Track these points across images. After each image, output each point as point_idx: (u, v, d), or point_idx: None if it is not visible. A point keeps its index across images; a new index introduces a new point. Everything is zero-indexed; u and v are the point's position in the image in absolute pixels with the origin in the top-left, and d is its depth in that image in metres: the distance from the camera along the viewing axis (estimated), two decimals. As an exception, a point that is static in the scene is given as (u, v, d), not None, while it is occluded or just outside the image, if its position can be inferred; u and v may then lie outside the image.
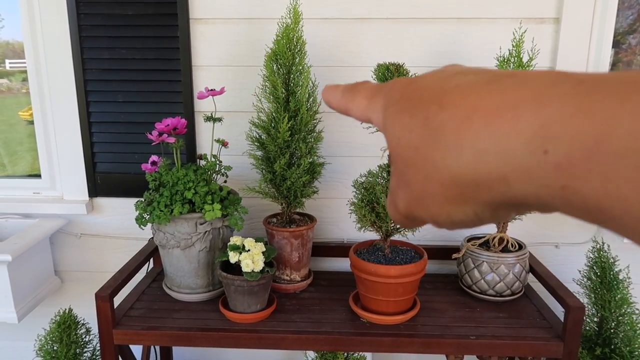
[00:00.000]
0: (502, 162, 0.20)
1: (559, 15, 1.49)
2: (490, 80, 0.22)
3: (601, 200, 0.18)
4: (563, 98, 0.19)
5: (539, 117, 0.19)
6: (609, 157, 0.17)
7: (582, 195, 0.18)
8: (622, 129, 0.17)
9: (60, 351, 1.41)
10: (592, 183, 0.18)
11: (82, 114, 1.63)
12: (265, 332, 1.27)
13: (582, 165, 0.18)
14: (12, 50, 2.04)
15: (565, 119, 0.19)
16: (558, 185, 0.19)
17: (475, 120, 0.21)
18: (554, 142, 0.19)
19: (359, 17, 1.52)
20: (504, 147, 0.20)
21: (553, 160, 0.19)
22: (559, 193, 0.19)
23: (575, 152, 0.18)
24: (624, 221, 0.18)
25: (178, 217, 1.31)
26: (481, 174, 0.21)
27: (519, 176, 0.20)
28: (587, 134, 0.18)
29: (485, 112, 0.21)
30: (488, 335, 1.24)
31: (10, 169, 2.08)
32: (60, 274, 1.80)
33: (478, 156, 0.21)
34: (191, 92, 1.59)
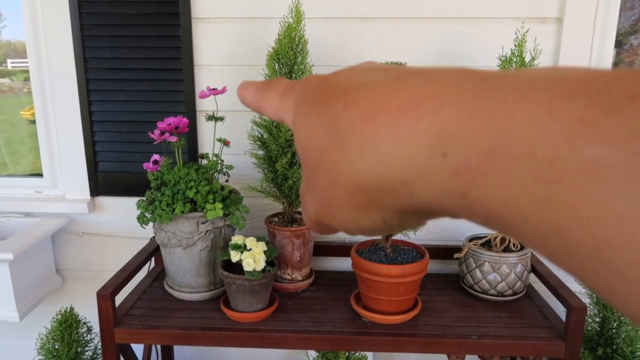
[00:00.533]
0: (405, 166, 0.19)
1: (561, 15, 1.48)
2: (398, 77, 0.21)
3: (499, 209, 0.17)
4: (464, 96, 0.18)
5: (439, 118, 0.18)
6: (505, 163, 0.16)
7: (481, 203, 0.17)
8: (517, 132, 0.16)
9: (62, 350, 1.41)
10: (489, 190, 0.17)
11: (84, 113, 1.63)
12: (267, 332, 1.27)
13: (479, 170, 0.17)
14: (14, 49, 2.05)
15: (464, 120, 0.17)
16: (458, 192, 0.18)
17: (379, 120, 0.20)
18: (453, 145, 0.18)
19: (361, 17, 1.52)
20: (407, 151, 0.19)
21: (451, 165, 0.18)
22: (460, 200, 0.18)
23: (473, 157, 0.17)
24: (522, 231, 0.17)
25: (180, 216, 1.31)
26: (385, 179, 0.20)
27: (422, 182, 0.19)
28: (484, 137, 0.17)
29: (389, 112, 0.20)
30: (490, 335, 1.24)
31: (12, 168, 2.08)
32: (61, 273, 1.80)
33: (381, 160, 0.20)
34: (193, 91, 1.59)
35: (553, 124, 0.15)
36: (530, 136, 0.16)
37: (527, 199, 0.16)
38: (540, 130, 0.16)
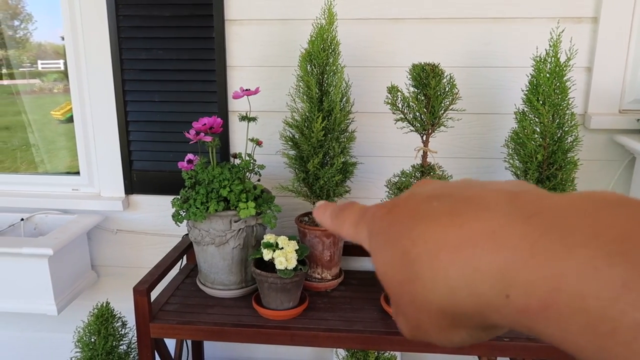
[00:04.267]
0: (474, 299, 0.21)
1: (597, 15, 1.46)
2: (451, 210, 0.23)
3: (563, 345, 0.19)
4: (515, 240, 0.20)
5: (496, 261, 0.20)
6: (563, 312, 0.18)
7: (546, 337, 0.20)
8: (570, 288, 0.18)
9: (98, 343, 1.45)
10: (551, 330, 0.19)
11: (120, 113, 1.67)
12: (298, 329, 1.29)
13: (540, 314, 0.19)
14: (44, 51, 2.11)
15: (520, 267, 0.20)
16: (525, 326, 0.20)
17: (443, 257, 0.22)
18: (513, 289, 0.20)
19: (393, 18, 1.52)
20: (472, 285, 0.21)
21: (515, 306, 0.20)
22: (528, 331, 0.20)
23: (533, 302, 0.19)
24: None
25: (213, 214, 1.33)
26: (460, 307, 0.22)
27: (492, 312, 0.21)
28: (541, 287, 0.19)
29: (449, 248, 0.22)
30: (522, 338, 1.23)
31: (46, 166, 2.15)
32: (96, 269, 1.86)
33: (452, 292, 0.22)
34: (225, 92, 1.62)
35: (598, 284, 0.17)
36: (582, 293, 0.18)
37: (586, 344, 0.18)
38: (589, 290, 0.18)
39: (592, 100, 1.52)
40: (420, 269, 0.23)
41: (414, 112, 1.30)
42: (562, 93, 1.29)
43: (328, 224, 0.32)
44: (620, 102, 1.53)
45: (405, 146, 1.58)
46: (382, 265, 0.26)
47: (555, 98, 1.28)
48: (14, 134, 2.19)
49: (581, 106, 1.54)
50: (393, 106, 1.31)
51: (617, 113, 1.53)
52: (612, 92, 1.51)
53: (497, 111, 1.56)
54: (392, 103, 1.30)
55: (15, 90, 2.18)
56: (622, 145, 1.52)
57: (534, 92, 1.30)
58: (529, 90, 1.32)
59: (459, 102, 1.30)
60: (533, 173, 1.30)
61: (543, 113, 1.28)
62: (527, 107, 1.33)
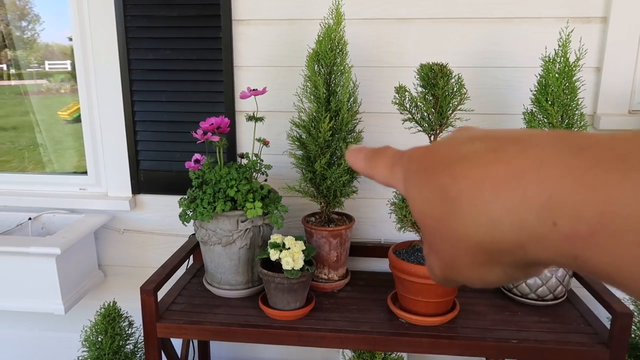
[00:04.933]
0: (517, 231, 0.21)
1: (606, 15, 1.45)
2: (496, 147, 0.23)
3: (610, 271, 0.19)
4: (564, 169, 0.20)
5: (544, 190, 0.20)
6: (613, 234, 0.18)
7: (592, 264, 0.19)
8: (623, 208, 0.18)
9: (105, 342, 1.45)
10: (600, 256, 0.19)
11: (127, 113, 1.68)
12: (305, 330, 1.28)
13: (589, 239, 0.19)
14: (51, 52, 2.12)
15: (569, 194, 0.19)
16: (570, 254, 0.20)
17: (486, 190, 0.22)
18: (562, 216, 0.19)
19: (400, 18, 1.52)
20: (516, 218, 0.21)
21: (562, 233, 0.20)
22: (572, 261, 0.20)
23: (582, 227, 0.19)
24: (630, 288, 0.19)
25: (220, 214, 1.33)
26: (500, 242, 0.22)
27: (535, 244, 0.21)
28: (591, 211, 0.19)
29: (494, 182, 0.22)
30: (530, 340, 1.22)
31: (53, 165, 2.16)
32: (103, 268, 1.86)
33: (494, 226, 0.22)
34: (232, 92, 1.62)
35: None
36: (635, 213, 0.18)
37: (637, 265, 0.18)
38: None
39: (601, 101, 1.51)
40: (460, 204, 0.23)
41: (421, 112, 1.29)
42: (571, 93, 1.28)
43: (361, 167, 0.31)
44: (630, 103, 1.51)
45: (413, 146, 1.57)
46: (419, 203, 0.26)
47: (564, 98, 1.28)
48: (22, 134, 2.20)
49: (590, 107, 1.53)
50: (401, 106, 1.30)
51: (626, 114, 1.52)
52: (622, 92, 1.50)
53: (506, 111, 1.55)
54: (399, 103, 1.30)
55: (23, 91, 2.19)
56: (632, 146, 1.50)
57: (543, 93, 1.29)
58: (538, 90, 1.31)
59: (467, 102, 1.29)
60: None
61: (552, 113, 1.27)
62: (535, 108, 1.32)
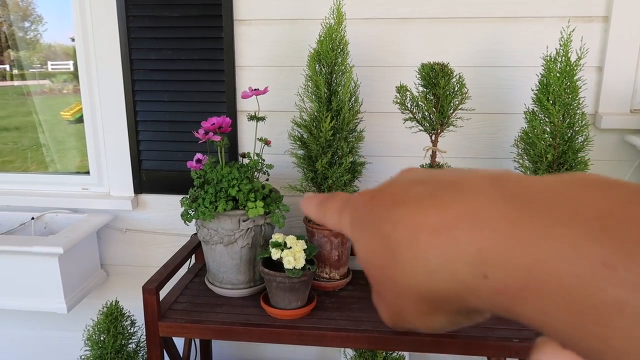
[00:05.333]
0: (453, 282, 0.21)
1: (608, 14, 1.45)
2: (434, 193, 0.23)
3: (540, 326, 0.19)
4: (495, 220, 0.20)
5: (475, 242, 0.20)
6: (540, 291, 0.18)
7: (524, 318, 0.19)
8: (549, 266, 0.18)
9: (108, 341, 1.46)
10: (528, 312, 0.19)
11: (129, 113, 1.69)
12: (306, 329, 1.29)
13: (517, 295, 0.19)
14: (54, 52, 2.13)
15: (499, 247, 0.19)
16: (502, 306, 0.20)
17: (422, 239, 0.22)
18: (492, 269, 0.19)
19: (401, 17, 1.52)
20: (451, 268, 0.21)
21: (493, 286, 0.20)
22: (505, 313, 0.20)
23: (511, 282, 0.19)
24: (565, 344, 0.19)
25: (222, 213, 1.34)
26: (438, 292, 0.22)
27: (470, 295, 0.21)
28: (519, 267, 0.19)
29: (429, 230, 0.22)
30: (532, 339, 1.22)
31: (56, 165, 2.16)
32: (105, 268, 1.87)
33: (430, 276, 0.22)
34: (234, 91, 1.63)
35: (579, 264, 0.17)
36: (560, 272, 0.17)
37: (564, 325, 0.18)
38: (568, 268, 0.17)
39: (602, 100, 1.51)
40: (400, 253, 0.23)
41: (423, 112, 1.29)
42: (573, 93, 1.28)
43: (313, 213, 0.32)
44: (631, 102, 1.51)
45: (413, 146, 1.58)
46: (363, 251, 0.26)
47: (565, 98, 1.28)
48: (25, 134, 2.21)
49: (592, 106, 1.53)
50: (402, 106, 1.30)
51: (628, 113, 1.52)
52: (623, 91, 1.50)
53: (507, 111, 1.55)
54: (401, 102, 1.30)
55: (26, 91, 2.20)
56: (634, 146, 1.50)
57: (544, 92, 1.29)
58: (539, 89, 1.31)
59: (468, 101, 1.29)
60: (543, 173, 1.29)
61: (553, 113, 1.27)
62: (537, 107, 1.32)
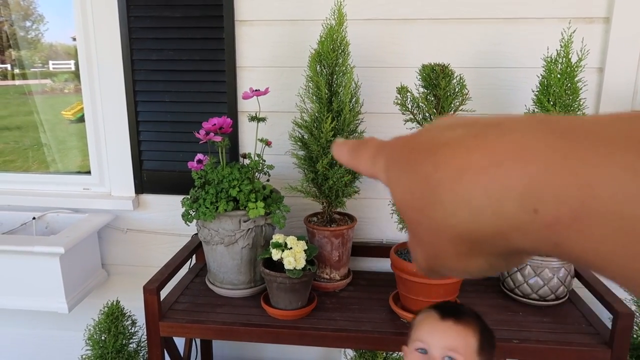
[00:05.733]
0: (498, 220, 0.21)
1: (609, 15, 1.45)
2: (477, 133, 0.22)
3: (591, 257, 0.19)
4: (546, 152, 0.19)
5: (525, 175, 0.20)
6: (595, 219, 0.18)
7: (573, 252, 0.19)
8: (605, 192, 0.17)
9: (109, 341, 1.46)
10: (581, 242, 0.18)
11: (131, 113, 1.69)
12: (306, 329, 1.29)
13: (570, 225, 0.18)
14: (56, 52, 2.13)
15: (550, 179, 0.19)
16: (551, 242, 0.19)
17: (467, 178, 0.21)
18: (543, 202, 0.19)
19: (402, 18, 1.52)
20: (497, 205, 0.20)
21: (543, 220, 0.19)
22: (553, 248, 0.20)
23: (563, 213, 0.19)
24: (613, 275, 0.19)
25: (223, 214, 1.34)
26: (482, 231, 0.22)
27: (516, 232, 0.21)
28: (572, 196, 0.18)
29: (475, 169, 0.21)
30: (532, 340, 1.23)
31: (59, 165, 2.17)
32: (106, 268, 1.87)
33: (474, 214, 0.21)
34: (235, 92, 1.63)
35: (636, 186, 0.17)
36: (617, 197, 0.17)
37: (621, 253, 0.17)
38: (625, 192, 0.17)
39: (603, 102, 1.51)
40: (442, 193, 0.22)
41: (423, 113, 1.30)
42: (573, 94, 1.28)
43: (345, 159, 0.31)
44: (632, 103, 1.51)
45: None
46: (400, 193, 0.25)
47: (566, 99, 1.28)
48: (26, 133, 2.21)
49: (592, 107, 1.53)
50: (402, 107, 1.30)
51: (629, 114, 1.52)
52: (624, 93, 1.50)
53: (508, 112, 1.55)
54: (401, 104, 1.30)
55: (27, 91, 2.20)
56: (634, 147, 1.50)
57: (545, 93, 1.29)
58: (540, 91, 1.31)
59: (469, 102, 1.29)
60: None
61: (554, 114, 1.27)
62: (537, 108, 1.32)
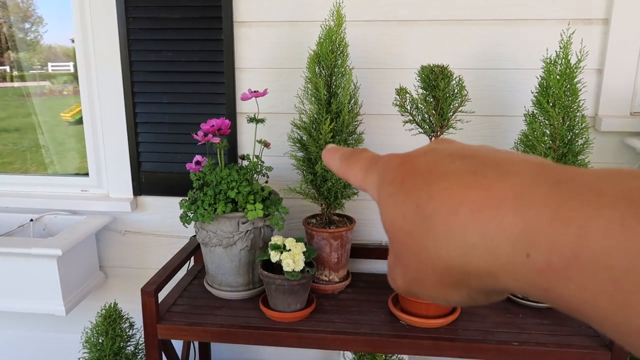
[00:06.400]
0: (489, 258, 0.21)
1: (608, 16, 1.45)
2: (476, 170, 0.23)
3: (581, 306, 0.19)
4: (542, 201, 0.20)
5: (520, 220, 0.20)
6: (586, 269, 0.18)
7: (563, 299, 0.19)
8: (596, 244, 0.18)
9: (106, 344, 1.45)
10: (571, 290, 0.19)
11: (129, 114, 1.68)
12: (305, 332, 1.28)
13: (561, 273, 0.19)
14: (55, 53, 2.13)
15: (544, 226, 0.19)
16: (541, 287, 0.20)
17: (462, 214, 0.22)
18: (536, 248, 0.19)
19: (401, 19, 1.52)
20: (490, 245, 0.21)
21: (535, 265, 0.20)
22: (542, 293, 0.20)
23: (555, 260, 0.19)
24: (604, 326, 0.19)
25: (221, 216, 1.33)
26: (471, 267, 0.22)
27: (506, 274, 0.21)
28: (564, 245, 0.19)
29: (471, 206, 0.21)
30: (532, 342, 1.22)
31: (57, 167, 2.16)
32: (104, 270, 1.86)
33: (466, 249, 0.22)
34: (234, 93, 1.62)
35: (627, 241, 0.17)
36: (608, 250, 0.18)
37: (608, 302, 0.18)
38: (616, 245, 0.17)
39: (602, 103, 1.51)
40: (434, 223, 0.23)
41: (422, 114, 1.29)
42: (573, 95, 1.28)
43: (336, 167, 0.31)
44: (631, 105, 1.51)
45: (412, 148, 1.57)
46: (391, 213, 0.25)
47: (565, 100, 1.27)
48: (24, 135, 2.21)
49: (592, 108, 1.52)
50: (402, 108, 1.30)
51: (628, 115, 1.52)
52: (623, 94, 1.50)
53: (507, 113, 1.55)
54: (400, 105, 1.30)
55: (25, 92, 2.20)
56: (633, 148, 1.50)
57: (544, 94, 1.29)
58: (539, 92, 1.31)
59: (468, 103, 1.29)
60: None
61: (553, 115, 1.27)
62: (536, 109, 1.32)
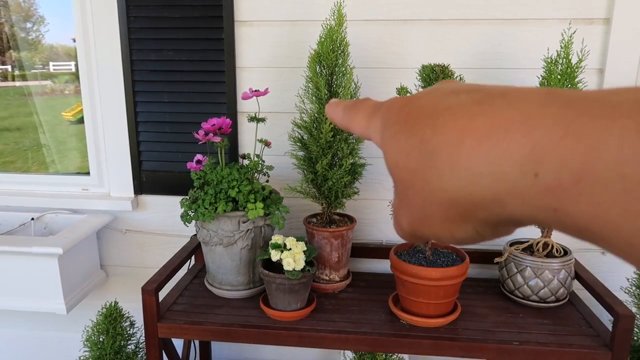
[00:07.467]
0: (496, 184, 0.21)
1: (609, 16, 1.45)
2: (482, 100, 0.22)
3: (591, 223, 0.18)
4: (552, 120, 0.19)
5: (529, 140, 0.19)
6: (597, 182, 0.18)
7: (573, 217, 0.19)
8: (609, 155, 0.17)
9: (107, 342, 1.45)
10: (581, 206, 0.18)
11: (130, 113, 1.68)
12: (306, 331, 1.28)
13: (571, 189, 0.18)
14: (56, 53, 2.13)
15: (554, 143, 0.19)
16: (550, 207, 0.19)
17: (468, 143, 0.21)
18: (544, 166, 0.19)
19: (402, 19, 1.52)
20: (497, 170, 0.20)
21: (544, 184, 0.19)
22: (551, 214, 0.20)
23: (565, 177, 0.18)
24: (613, 242, 0.18)
25: (222, 215, 1.33)
26: (477, 196, 0.22)
27: (513, 198, 0.20)
28: (575, 159, 0.18)
29: (477, 134, 0.21)
30: (532, 342, 1.22)
31: (58, 166, 2.16)
32: (105, 269, 1.87)
33: (472, 179, 0.21)
34: (234, 92, 1.62)
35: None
36: (621, 159, 0.17)
37: (619, 214, 0.17)
38: (630, 154, 0.17)
39: (603, 103, 1.50)
40: (439, 157, 0.22)
41: (423, 114, 1.29)
42: (574, 95, 1.28)
43: (339, 119, 0.31)
44: (632, 105, 1.51)
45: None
46: (394, 153, 0.25)
47: (566, 100, 1.27)
48: (26, 134, 2.21)
49: (593, 108, 1.52)
50: (402, 107, 1.30)
51: (629, 115, 1.51)
52: (625, 94, 1.49)
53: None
54: (401, 104, 1.30)
55: (27, 92, 2.20)
56: (635, 148, 1.50)
57: (545, 94, 1.29)
58: (540, 91, 1.31)
59: (469, 103, 1.29)
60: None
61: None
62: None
